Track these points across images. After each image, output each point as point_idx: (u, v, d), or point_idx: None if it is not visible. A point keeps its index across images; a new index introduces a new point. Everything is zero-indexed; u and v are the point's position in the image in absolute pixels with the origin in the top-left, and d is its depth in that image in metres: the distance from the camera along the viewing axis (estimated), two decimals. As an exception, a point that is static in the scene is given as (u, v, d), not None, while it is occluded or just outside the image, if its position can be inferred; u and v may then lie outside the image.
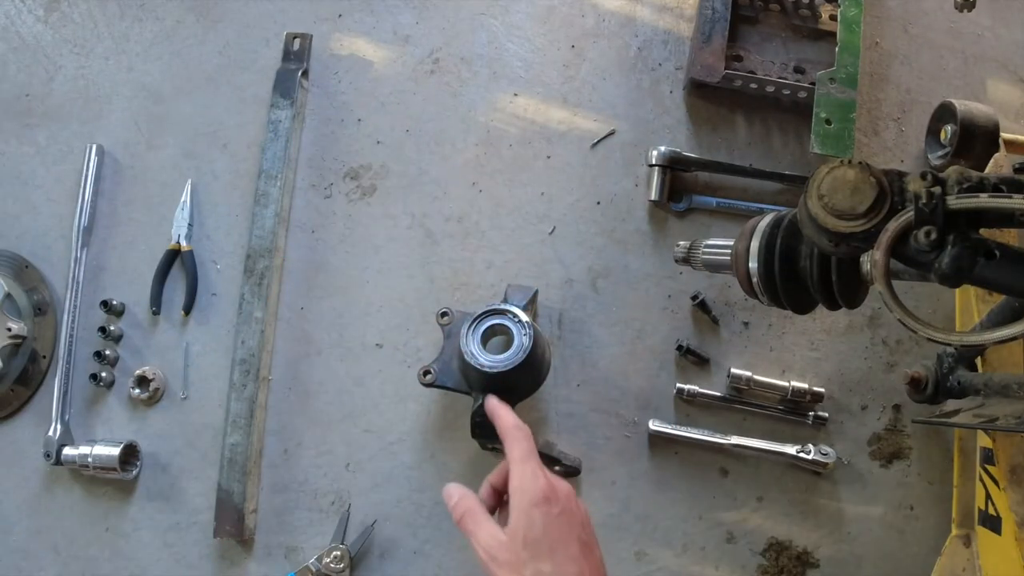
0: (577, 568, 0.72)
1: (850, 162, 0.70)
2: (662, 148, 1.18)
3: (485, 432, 1.01)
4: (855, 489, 1.13)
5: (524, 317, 0.99)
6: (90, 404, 1.18)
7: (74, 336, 1.18)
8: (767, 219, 0.85)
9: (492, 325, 1.00)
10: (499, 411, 0.89)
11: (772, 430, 1.14)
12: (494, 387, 0.99)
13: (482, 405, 0.99)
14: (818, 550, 1.12)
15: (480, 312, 1.00)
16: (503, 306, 1.00)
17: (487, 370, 0.96)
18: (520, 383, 1.03)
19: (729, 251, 0.90)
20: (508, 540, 0.74)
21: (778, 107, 1.24)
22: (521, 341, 0.97)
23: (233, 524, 1.09)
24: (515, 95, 1.26)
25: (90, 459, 1.12)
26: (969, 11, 0.98)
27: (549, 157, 1.24)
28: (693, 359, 1.16)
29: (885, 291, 0.68)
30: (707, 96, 1.25)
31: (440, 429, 1.15)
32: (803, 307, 0.85)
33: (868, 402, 1.16)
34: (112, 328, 1.18)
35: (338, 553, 1.09)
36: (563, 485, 0.79)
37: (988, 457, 0.98)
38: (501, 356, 0.98)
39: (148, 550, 1.14)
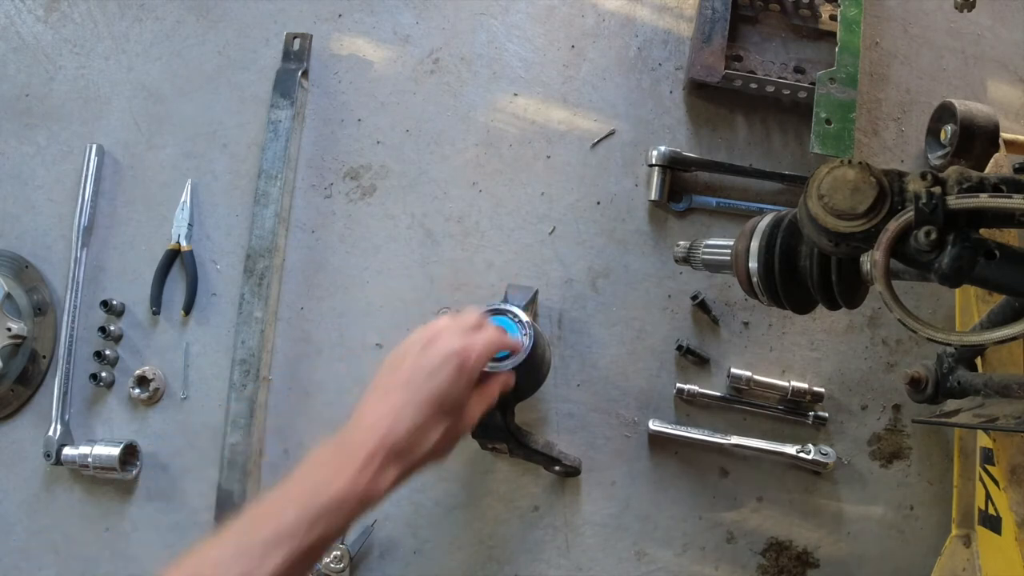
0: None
1: (850, 162, 0.70)
2: (662, 148, 1.18)
3: (485, 432, 1.01)
4: (855, 489, 1.13)
5: (524, 317, 0.98)
6: (90, 404, 1.18)
7: (74, 336, 1.18)
8: (767, 219, 0.85)
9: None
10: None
11: (772, 430, 1.14)
12: None
13: None
14: (818, 550, 1.12)
15: (482, 311, 0.99)
16: (503, 306, 1.00)
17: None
18: (521, 383, 1.03)
19: (729, 251, 0.90)
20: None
21: (778, 107, 1.24)
22: (521, 341, 0.97)
23: (233, 524, 1.09)
24: (515, 95, 1.26)
25: (90, 459, 1.12)
26: (969, 11, 0.97)
27: (549, 157, 1.24)
28: (693, 359, 1.16)
29: (885, 291, 0.67)
30: (707, 96, 1.25)
31: (440, 429, 1.15)
32: (803, 307, 0.85)
33: (868, 402, 1.16)
34: (112, 328, 1.18)
35: (338, 553, 1.09)
36: None
37: (988, 457, 0.98)
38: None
39: (148, 550, 1.14)
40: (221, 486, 1.10)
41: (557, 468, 1.10)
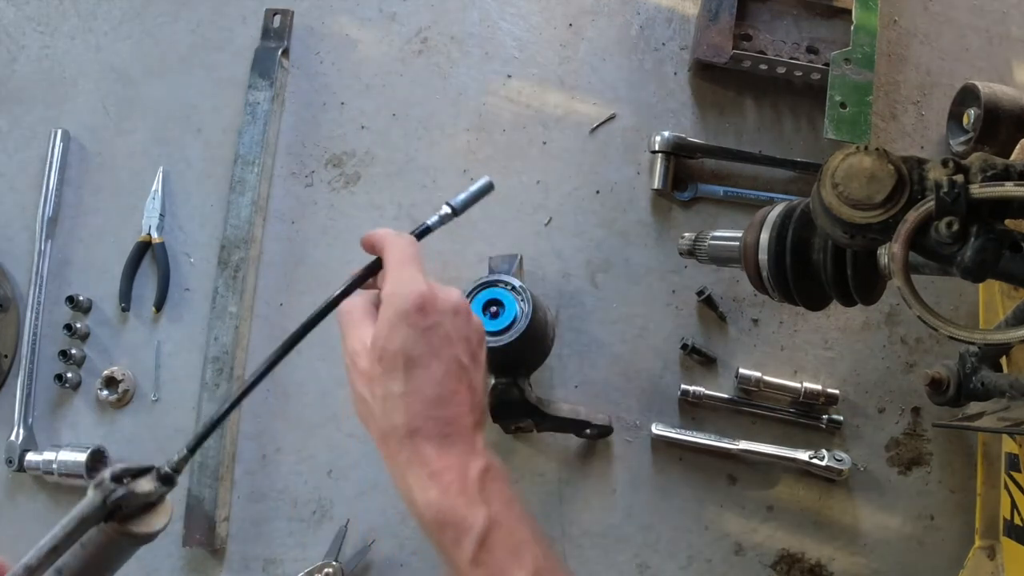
0: (437, 392, 0.67)
1: (866, 148, 0.70)
2: (666, 133, 1.17)
3: (507, 412, 1.00)
4: (872, 498, 1.13)
5: (517, 283, 0.98)
6: (55, 407, 1.18)
7: (38, 334, 1.17)
8: (778, 209, 0.85)
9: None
10: (375, 232, 0.77)
11: (783, 434, 1.14)
12: (502, 363, 0.99)
13: (495, 385, 0.99)
14: (832, 563, 1.11)
15: (471, 288, 0.99)
16: (492, 277, 0.99)
17: (492, 345, 0.95)
18: (529, 353, 1.03)
19: (737, 243, 0.91)
20: (368, 348, 0.68)
21: (790, 90, 1.23)
22: (520, 308, 0.97)
23: (203, 533, 1.09)
24: (509, 77, 1.25)
25: (55, 465, 1.11)
26: (994, -14, 0.97)
27: (545, 143, 1.23)
28: (699, 359, 1.16)
29: (904, 286, 0.67)
30: (714, 78, 1.24)
31: (428, 433, 1.14)
32: (816, 303, 0.85)
33: (886, 404, 1.15)
34: (78, 326, 1.17)
35: (330, 571, 1.08)
36: (450, 295, 0.72)
37: (1014, 463, 0.97)
38: (503, 329, 0.97)
39: (117, 562, 1.13)
40: (191, 492, 1.09)
41: (588, 431, 1.09)
